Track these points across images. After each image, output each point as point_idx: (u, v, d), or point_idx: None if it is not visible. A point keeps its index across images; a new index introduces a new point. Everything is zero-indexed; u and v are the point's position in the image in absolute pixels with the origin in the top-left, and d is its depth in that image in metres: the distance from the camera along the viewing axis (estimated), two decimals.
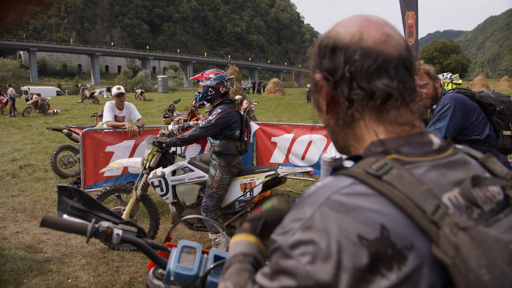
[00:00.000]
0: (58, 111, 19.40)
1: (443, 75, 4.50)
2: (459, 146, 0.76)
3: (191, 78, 3.79)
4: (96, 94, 26.36)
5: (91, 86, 44.47)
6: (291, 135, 6.23)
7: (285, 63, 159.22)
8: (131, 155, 5.38)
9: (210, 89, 3.57)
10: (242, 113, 3.67)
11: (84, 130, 5.22)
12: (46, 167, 7.96)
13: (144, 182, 3.94)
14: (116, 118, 5.46)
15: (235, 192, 3.65)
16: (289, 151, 6.27)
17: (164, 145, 3.69)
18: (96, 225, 0.96)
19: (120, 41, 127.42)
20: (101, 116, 8.18)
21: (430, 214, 0.57)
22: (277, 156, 6.38)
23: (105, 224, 0.97)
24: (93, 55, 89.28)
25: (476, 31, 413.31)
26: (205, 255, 1.07)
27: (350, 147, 0.76)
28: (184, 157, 3.96)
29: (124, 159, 4.39)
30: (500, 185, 0.65)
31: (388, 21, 0.73)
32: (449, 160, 0.67)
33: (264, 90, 40.85)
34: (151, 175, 3.74)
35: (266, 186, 3.74)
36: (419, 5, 5.15)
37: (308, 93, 29.82)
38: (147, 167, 3.84)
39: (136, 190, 3.96)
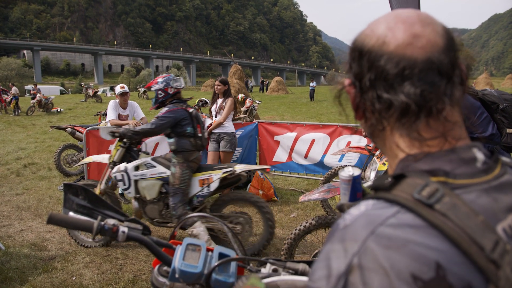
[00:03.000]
0: (62, 110, 19.48)
1: None
2: (505, 160, 0.68)
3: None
4: (99, 93, 26.47)
5: (95, 85, 44.57)
6: (294, 134, 6.24)
7: (288, 62, 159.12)
8: None
9: (159, 92, 3.82)
10: (191, 110, 3.84)
11: (87, 128, 5.24)
12: (50, 165, 8.00)
13: (108, 176, 4.01)
14: (119, 117, 5.48)
15: (194, 188, 3.76)
16: (292, 149, 6.28)
17: (117, 134, 3.83)
18: (102, 223, 0.97)
19: (123, 40, 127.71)
20: (104, 114, 8.22)
21: (489, 251, 0.50)
22: (280, 155, 6.39)
23: (111, 221, 0.98)
24: (96, 54, 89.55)
25: (480, 29, 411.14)
26: (210, 253, 1.08)
27: (386, 155, 0.69)
28: (148, 154, 4.12)
29: (95, 155, 4.49)
30: None
31: (425, 17, 0.64)
32: (500, 182, 0.59)
33: (267, 89, 40.82)
34: (114, 169, 3.84)
35: (226, 184, 3.85)
36: (422, 3, 5.14)
37: (312, 92, 29.81)
38: (110, 161, 3.96)
39: (100, 185, 4.05)
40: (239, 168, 3.71)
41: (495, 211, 0.55)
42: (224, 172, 3.70)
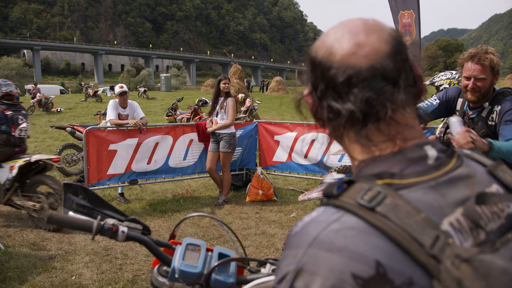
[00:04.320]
0: (62, 109, 19.47)
1: (451, 73, 4.46)
2: (465, 152, 0.71)
3: None
4: (99, 92, 26.44)
5: (95, 84, 44.56)
6: (294, 134, 6.23)
7: (288, 62, 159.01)
8: (134, 153, 5.40)
9: None
10: (8, 113, 4.49)
11: (87, 128, 5.24)
12: None
13: None
14: (119, 116, 5.47)
15: (4, 173, 4.50)
16: (292, 149, 6.27)
17: None
18: (102, 222, 0.97)
19: (123, 39, 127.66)
20: (104, 114, 8.22)
21: (429, 247, 0.53)
22: (280, 155, 6.39)
23: (110, 221, 0.97)
24: (97, 54, 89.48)
25: (480, 29, 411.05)
26: (210, 253, 1.08)
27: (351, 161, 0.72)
28: None
29: None
30: (510, 201, 0.61)
31: (372, 25, 0.66)
32: (449, 177, 0.62)
33: (267, 89, 40.80)
34: None
35: (35, 170, 4.66)
36: (421, 4, 5.14)
37: None
38: None
39: None
40: (35, 157, 4.44)
41: (442, 207, 0.57)
42: (24, 161, 4.41)
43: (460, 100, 2.67)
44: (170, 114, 11.63)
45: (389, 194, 0.57)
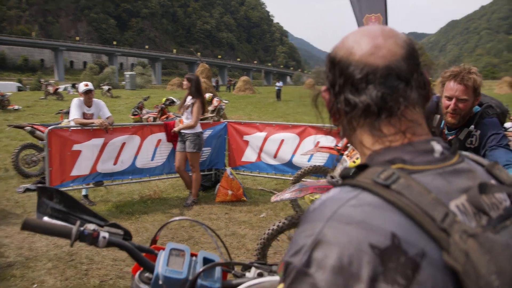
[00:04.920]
0: (19, 107, 18.56)
1: None
2: (465, 153, 0.77)
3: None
4: (60, 90, 25.44)
5: (55, 81, 42.84)
6: (263, 134, 6.24)
7: (255, 62, 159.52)
8: (100, 154, 5.22)
9: None
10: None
11: (50, 127, 5.01)
12: (6, 166, 7.58)
13: None
14: (84, 115, 5.28)
15: None
16: (261, 149, 6.28)
17: None
18: (82, 228, 0.92)
19: (85, 35, 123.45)
20: (67, 113, 7.89)
21: (440, 221, 0.57)
22: (249, 155, 6.38)
23: (91, 226, 0.92)
24: (57, 50, 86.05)
25: (439, 34, 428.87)
26: (194, 258, 1.05)
27: (360, 155, 0.78)
28: None
29: None
30: (507, 192, 0.67)
31: (388, 31, 0.74)
32: (454, 168, 0.68)
33: (234, 88, 40.73)
34: None
35: None
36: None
37: (278, 92, 30.05)
38: None
39: None
40: None
41: (448, 191, 0.63)
42: None
43: (437, 116, 2.49)
44: (136, 113, 11.35)
45: (403, 175, 0.62)
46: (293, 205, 5.07)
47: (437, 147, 0.70)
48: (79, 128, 5.13)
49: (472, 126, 2.30)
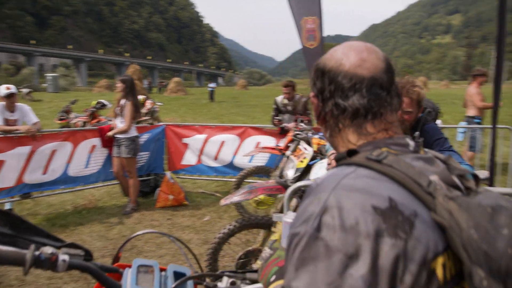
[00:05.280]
0: None
1: None
2: (426, 149, 0.88)
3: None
4: None
5: None
6: (203, 136, 6.15)
7: (186, 62, 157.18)
8: (26, 163, 4.79)
9: None
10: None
11: None
12: None
13: None
14: (6, 121, 4.81)
15: None
16: (201, 152, 6.19)
17: None
18: (37, 253, 0.81)
19: None
20: None
21: (426, 186, 0.69)
22: (189, 158, 6.26)
23: (47, 250, 0.82)
24: None
25: (361, 36, 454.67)
26: (163, 273, 0.98)
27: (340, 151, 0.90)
28: None
29: None
30: (465, 173, 0.77)
31: (371, 47, 0.86)
32: (424, 156, 0.80)
33: (165, 90, 39.75)
34: None
35: None
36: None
37: (211, 93, 29.88)
38: None
39: None
40: None
41: (426, 169, 0.74)
42: None
43: None
44: (63, 117, 10.56)
45: (390, 154, 0.75)
46: (237, 207, 5.04)
47: (411, 142, 0.83)
48: (1, 135, 4.66)
49: (418, 133, 2.38)
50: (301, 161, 2.83)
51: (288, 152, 4.87)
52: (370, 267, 0.60)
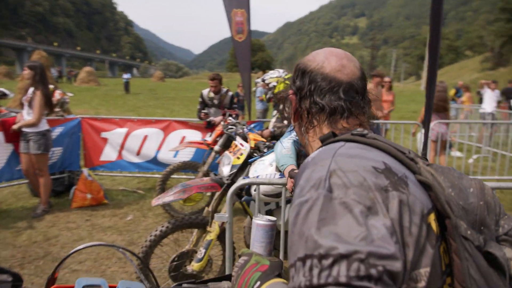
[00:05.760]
0: None
1: (279, 72, 4.77)
2: None
3: None
4: None
5: None
6: (124, 130, 5.78)
7: (98, 51, 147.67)
8: None
9: None
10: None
11: None
12: None
13: None
14: None
15: None
16: (122, 147, 5.81)
17: None
18: None
19: None
20: None
21: (408, 153, 0.78)
22: (109, 153, 5.85)
23: None
24: None
25: (277, 33, 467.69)
26: None
27: (307, 147, 0.99)
28: None
29: None
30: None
31: (349, 55, 0.97)
32: None
33: (75, 80, 36.94)
34: None
35: None
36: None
37: (126, 84, 28.45)
38: None
39: None
40: None
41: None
42: None
43: None
44: None
45: (369, 132, 0.83)
46: (164, 205, 4.82)
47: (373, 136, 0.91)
48: None
49: None
50: (238, 158, 2.75)
51: (216, 147, 4.76)
52: (388, 217, 0.63)
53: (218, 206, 2.97)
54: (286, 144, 2.24)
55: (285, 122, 4.54)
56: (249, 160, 2.58)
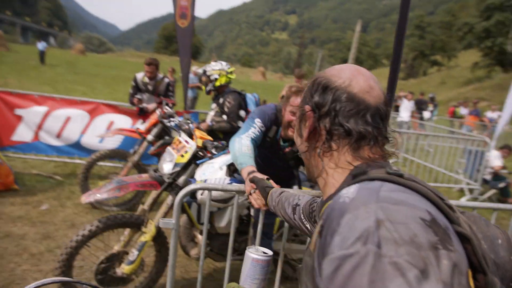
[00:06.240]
0: None
1: (221, 64, 4.62)
2: None
3: None
4: None
5: None
6: (44, 108, 5.22)
7: (9, 13, 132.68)
8: None
9: None
10: None
11: None
12: None
13: None
14: None
15: None
16: (40, 127, 5.24)
17: None
18: None
19: None
20: None
21: (446, 200, 0.69)
22: (23, 133, 5.25)
23: None
24: None
25: (209, 20, 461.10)
26: None
27: (321, 174, 0.88)
28: None
29: None
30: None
31: (374, 77, 0.88)
32: None
33: None
34: None
35: None
36: None
37: (42, 54, 25.95)
38: None
39: None
40: None
41: None
42: None
43: (274, 128, 2.55)
44: None
45: (401, 170, 0.76)
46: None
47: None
48: None
49: None
50: (182, 156, 2.57)
51: (150, 137, 4.50)
52: (440, 281, 0.56)
53: (154, 205, 2.78)
54: (245, 142, 2.12)
55: (224, 117, 4.43)
56: (197, 162, 2.43)
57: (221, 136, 4.40)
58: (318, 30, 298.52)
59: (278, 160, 2.62)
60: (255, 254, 0.82)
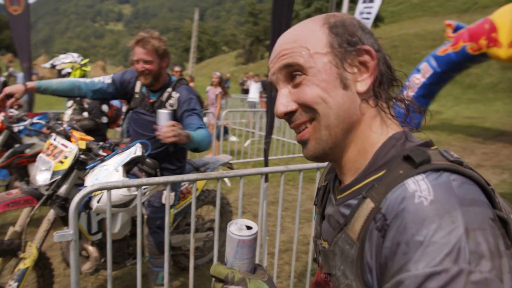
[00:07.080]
0: None
1: (73, 56, 4.17)
2: None
3: None
4: None
5: None
6: None
7: None
8: None
9: None
10: None
11: None
12: None
13: None
14: None
15: None
16: None
17: None
18: None
19: None
20: None
21: (493, 186, 0.64)
22: None
23: None
24: None
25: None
26: None
27: (346, 140, 0.74)
28: None
29: None
30: None
31: None
32: None
33: None
34: None
35: None
36: None
37: None
38: None
39: None
40: None
41: None
42: None
43: (138, 83, 2.68)
44: None
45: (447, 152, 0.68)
46: None
47: None
48: None
49: (171, 89, 2.58)
50: (61, 162, 2.23)
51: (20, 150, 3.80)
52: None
53: (30, 223, 2.37)
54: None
55: (85, 114, 4.02)
56: (87, 167, 2.13)
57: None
58: (155, 19, 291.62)
59: (150, 120, 2.58)
60: (239, 234, 0.71)
